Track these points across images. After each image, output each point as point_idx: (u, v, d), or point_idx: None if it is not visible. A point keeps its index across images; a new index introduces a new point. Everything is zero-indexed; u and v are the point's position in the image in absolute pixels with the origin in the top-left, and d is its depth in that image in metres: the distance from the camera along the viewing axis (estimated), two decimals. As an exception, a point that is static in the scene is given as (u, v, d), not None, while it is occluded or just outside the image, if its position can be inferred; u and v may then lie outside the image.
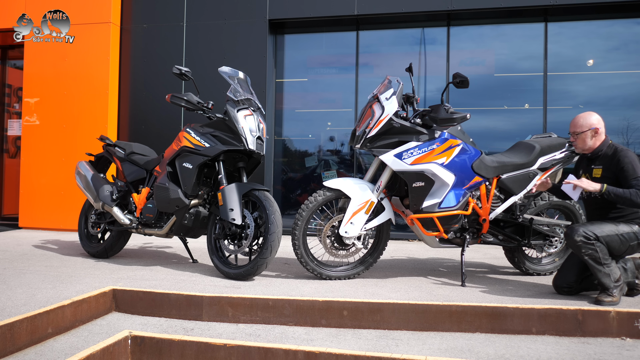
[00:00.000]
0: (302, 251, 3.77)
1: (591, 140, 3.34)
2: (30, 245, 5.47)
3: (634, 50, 6.13)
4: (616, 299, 3.13)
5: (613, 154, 3.25)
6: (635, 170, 3.14)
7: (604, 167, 3.29)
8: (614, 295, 3.14)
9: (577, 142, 3.39)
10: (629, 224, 3.23)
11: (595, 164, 3.36)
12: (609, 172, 3.26)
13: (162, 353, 2.63)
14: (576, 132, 3.37)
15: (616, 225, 3.20)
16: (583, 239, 3.14)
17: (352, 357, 2.45)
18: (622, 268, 3.32)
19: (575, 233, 3.16)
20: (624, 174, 3.16)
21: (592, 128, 3.31)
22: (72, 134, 6.88)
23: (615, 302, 3.11)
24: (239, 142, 3.90)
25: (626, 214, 3.26)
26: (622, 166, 3.18)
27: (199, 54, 6.91)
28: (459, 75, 3.60)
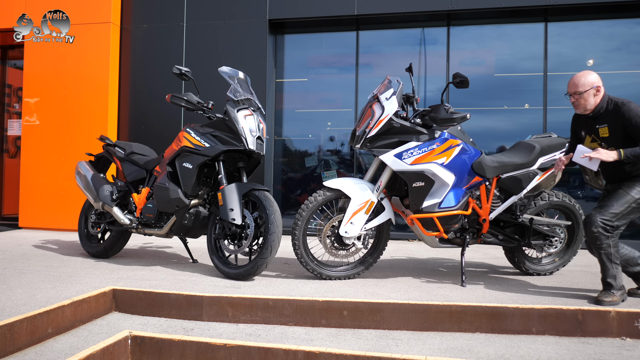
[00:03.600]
0: (302, 251, 3.77)
1: (593, 99, 3.26)
2: (30, 245, 5.47)
3: (636, 50, 6.13)
4: (617, 299, 3.13)
5: (615, 109, 3.19)
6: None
7: (609, 125, 3.22)
8: (615, 295, 3.14)
9: (580, 102, 3.30)
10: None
11: (600, 122, 3.27)
12: (616, 129, 3.19)
13: (162, 353, 2.63)
14: (578, 91, 3.28)
15: (629, 193, 3.17)
16: (601, 229, 3.13)
17: (352, 357, 2.45)
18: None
19: (593, 224, 3.15)
20: (634, 127, 3.11)
21: (595, 86, 3.25)
22: (72, 134, 6.88)
23: (615, 303, 3.11)
24: (239, 142, 3.90)
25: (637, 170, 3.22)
26: (631, 120, 3.11)
27: (199, 54, 6.91)
28: (459, 75, 3.60)
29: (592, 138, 3.33)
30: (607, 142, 3.23)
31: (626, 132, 3.14)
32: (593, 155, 3.13)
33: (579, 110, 3.35)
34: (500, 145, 6.38)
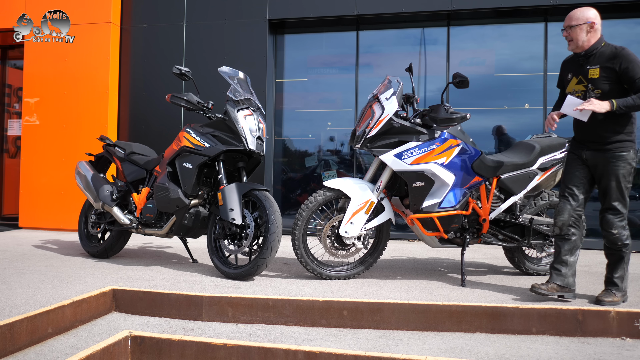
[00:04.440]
0: (302, 251, 3.77)
1: (586, 35, 3.09)
2: (30, 245, 5.47)
3: (636, 50, 6.07)
4: (618, 299, 3.11)
5: (612, 52, 3.04)
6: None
7: (601, 66, 3.04)
8: (616, 295, 3.12)
9: (572, 37, 3.15)
10: (624, 159, 3.05)
11: (592, 64, 3.09)
12: (607, 71, 3.02)
13: (162, 353, 2.63)
14: (571, 25, 3.14)
15: (618, 178, 3.05)
16: (620, 229, 3.08)
17: (352, 357, 2.45)
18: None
19: (612, 225, 3.08)
20: (629, 73, 2.95)
21: (589, 22, 3.09)
22: (72, 134, 6.88)
23: (616, 303, 3.09)
24: (239, 142, 3.90)
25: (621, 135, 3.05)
26: (627, 65, 2.96)
27: (199, 54, 6.91)
28: (459, 75, 3.60)
29: (579, 79, 3.14)
30: (594, 84, 3.04)
31: (618, 77, 2.99)
32: (585, 106, 2.95)
33: (571, 47, 3.19)
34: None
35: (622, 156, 3.04)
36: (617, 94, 3.00)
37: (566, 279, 3.16)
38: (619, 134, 3.04)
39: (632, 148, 3.06)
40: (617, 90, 3.01)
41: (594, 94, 3.06)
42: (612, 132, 3.05)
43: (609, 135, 3.05)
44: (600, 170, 3.11)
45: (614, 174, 3.06)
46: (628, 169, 3.06)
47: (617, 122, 3.03)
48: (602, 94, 3.02)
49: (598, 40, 3.11)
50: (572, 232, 3.18)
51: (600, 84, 3.03)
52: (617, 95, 2.99)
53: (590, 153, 3.14)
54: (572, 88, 3.19)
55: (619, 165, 3.05)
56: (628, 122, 3.05)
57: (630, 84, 2.96)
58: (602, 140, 3.08)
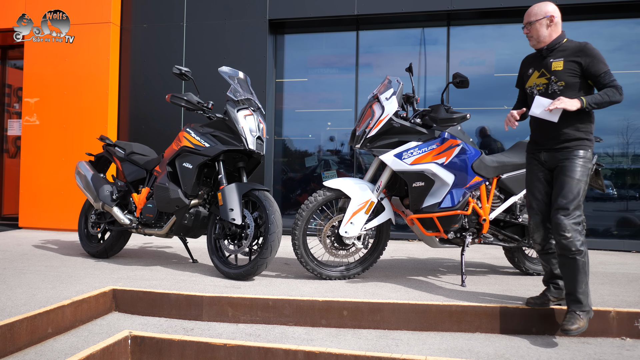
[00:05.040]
0: (302, 251, 3.77)
1: (547, 30, 3.01)
2: (30, 245, 5.47)
3: (636, 50, 6.12)
4: (584, 324, 2.74)
5: (577, 46, 2.95)
6: (605, 63, 2.88)
7: (565, 59, 2.93)
8: (582, 319, 2.75)
9: (532, 33, 3.04)
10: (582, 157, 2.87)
11: (554, 56, 2.98)
12: (572, 64, 2.90)
13: (162, 353, 2.63)
14: (530, 20, 3.03)
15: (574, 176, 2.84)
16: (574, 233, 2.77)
17: (352, 357, 2.45)
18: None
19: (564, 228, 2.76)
20: (594, 68, 2.85)
21: (548, 15, 3.00)
22: (72, 134, 6.88)
23: (582, 328, 2.72)
24: (239, 142, 3.90)
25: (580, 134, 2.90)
26: (592, 60, 2.86)
27: (199, 54, 6.91)
28: (459, 75, 3.60)
29: (540, 73, 3.02)
30: (558, 76, 2.92)
31: (582, 71, 2.88)
32: (557, 104, 2.79)
33: (532, 43, 3.08)
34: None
35: (580, 154, 2.88)
36: (580, 88, 2.90)
37: (564, 290, 2.90)
38: (578, 131, 2.89)
39: (590, 148, 2.92)
40: (581, 84, 2.90)
41: (557, 85, 2.92)
42: (572, 130, 2.90)
43: (568, 134, 2.90)
44: (556, 167, 2.94)
45: (570, 170, 2.86)
46: (585, 169, 2.87)
47: (579, 119, 2.89)
48: (566, 87, 2.90)
49: (560, 35, 3.04)
50: (553, 245, 2.97)
51: (564, 76, 2.91)
52: (580, 90, 2.89)
53: (547, 155, 2.98)
54: (534, 82, 3.04)
55: (576, 164, 2.86)
56: (588, 121, 2.92)
57: (594, 79, 2.87)
58: (561, 139, 2.92)
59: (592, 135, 2.94)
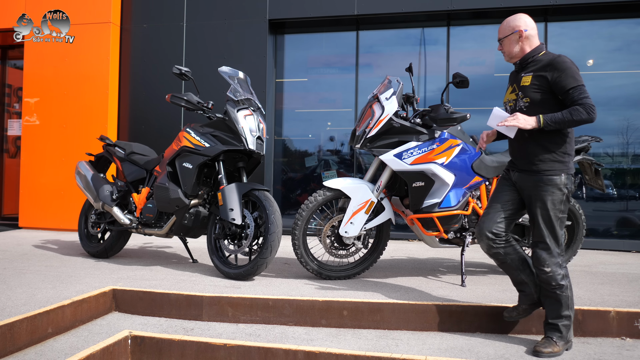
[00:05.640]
0: (302, 251, 3.77)
1: (517, 45, 2.80)
2: (30, 245, 5.47)
3: (637, 50, 6.12)
4: (559, 349, 2.58)
5: (548, 60, 2.67)
6: (576, 78, 2.58)
7: (534, 74, 2.70)
8: (557, 345, 2.59)
9: (503, 49, 2.87)
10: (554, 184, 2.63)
11: (525, 71, 2.77)
12: (539, 79, 2.67)
13: (162, 353, 2.63)
14: (500, 38, 2.88)
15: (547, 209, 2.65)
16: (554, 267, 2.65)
17: (352, 357, 2.45)
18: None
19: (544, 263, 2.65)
20: (561, 82, 2.59)
21: (516, 31, 2.79)
22: (72, 134, 6.88)
23: (556, 353, 2.57)
24: (239, 142, 3.90)
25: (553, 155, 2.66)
26: (560, 74, 2.60)
27: (199, 54, 6.91)
28: (459, 75, 3.60)
29: (513, 88, 2.85)
30: (524, 91, 2.72)
31: (550, 86, 2.64)
32: (508, 122, 2.62)
33: (506, 59, 2.90)
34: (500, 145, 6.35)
35: (552, 180, 2.63)
36: (550, 105, 2.65)
37: (536, 295, 2.78)
38: (550, 153, 2.65)
39: (564, 172, 2.64)
40: (549, 100, 2.65)
41: (523, 102, 2.73)
42: (542, 151, 2.66)
43: (539, 155, 2.67)
44: (527, 195, 2.73)
45: (541, 201, 2.65)
46: (559, 195, 2.63)
47: (549, 139, 2.65)
48: (531, 103, 2.68)
49: (535, 48, 2.78)
50: (505, 253, 2.79)
51: (529, 91, 2.69)
52: (550, 107, 2.64)
53: (518, 175, 2.77)
54: (507, 98, 2.90)
55: (547, 191, 2.64)
56: (562, 141, 2.66)
57: (562, 95, 2.61)
58: (531, 160, 2.69)
59: (568, 156, 2.68)
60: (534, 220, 2.71)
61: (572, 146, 2.70)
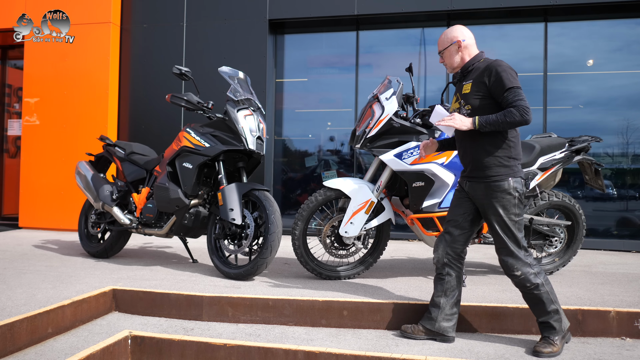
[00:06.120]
0: (302, 251, 3.77)
1: (457, 55, 2.82)
2: (30, 245, 5.47)
3: (637, 50, 6.12)
4: (557, 349, 2.59)
5: (486, 65, 2.70)
6: (511, 80, 2.60)
7: (473, 81, 2.73)
8: (555, 344, 2.60)
9: (444, 61, 2.89)
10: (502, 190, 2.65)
11: (466, 79, 2.80)
12: (478, 85, 2.70)
13: (162, 353, 2.63)
14: (439, 50, 2.89)
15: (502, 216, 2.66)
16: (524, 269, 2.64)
17: (352, 357, 2.45)
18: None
19: (512, 268, 2.67)
20: (497, 86, 2.62)
21: (454, 42, 2.81)
22: (72, 134, 6.88)
23: (556, 353, 2.58)
24: (239, 142, 3.90)
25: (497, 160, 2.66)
26: (496, 78, 2.62)
27: (199, 54, 6.91)
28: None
29: (456, 97, 2.89)
30: (465, 99, 2.76)
31: (489, 91, 2.66)
32: (444, 122, 2.67)
33: (448, 70, 2.93)
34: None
35: (499, 186, 2.64)
36: (490, 109, 2.66)
37: (437, 323, 2.77)
38: (495, 158, 2.66)
39: (510, 176, 2.65)
40: (490, 105, 2.67)
41: (465, 110, 2.75)
42: (486, 156, 2.68)
43: (483, 160, 2.69)
44: (480, 204, 2.74)
45: (493, 208, 2.66)
46: (509, 199, 2.64)
47: (493, 144, 2.67)
48: (473, 110, 2.70)
49: (475, 57, 2.82)
50: (447, 272, 2.82)
51: (470, 99, 2.73)
52: (490, 111, 2.65)
53: (469, 185, 2.77)
54: (452, 108, 2.93)
55: (496, 197, 2.65)
56: (506, 146, 2.67)
57: (499, 98, 2.63)
58: (477, 166, 2.72)
59: (514, 160, 2.69)
60: (492, 228, 2.72)
61: (517, 150, 2.72)
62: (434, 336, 2.78)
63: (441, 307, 2.78)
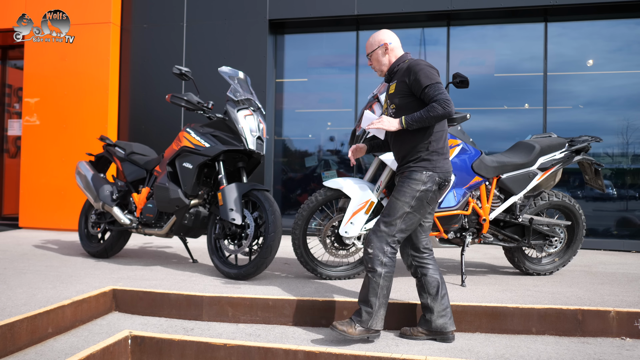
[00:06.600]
0: (302, 251, 3.77)
1: (384, 57, 2.93)
2: (30, 245, 5.47)
3: (637, 50, 6.12)
4: (353, 332, 2.64)
5: (407, 65, 2.81)
6: (429, 77, 2.70)
7: (397, 81, 2.85)
8: (355, 328, 2.64)
9: (373, 65, 3.00)
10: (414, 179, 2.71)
11: (392, 80, 2.93)
12: (401, 85, 2.81)
13: (162, 353, 2.63)
14: (368, 54, 2.99)
15: (399, 198, 2.71)
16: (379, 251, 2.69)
17: (352, 357, 2.46)
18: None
19: (369, 243, 2.72)
20: (417, 84, 2.71)
21: (381, 44, 2.92)
22: (72, 134, 6.88)
23: (349, 335, 2.63)
24: (239, 142, 3.90)
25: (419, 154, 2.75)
26: (415, 76, 2.72)
27: (199, 54, 6.91)
28: (459, 75, 3.60)
29: (386, 99, 2.99)
30: (391, 99, 2.88)
31: (410, 89, 2.77)
32: (374, 125, 2.76)
33: (378, 74, 3.03)
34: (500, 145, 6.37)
35: (412, 174, 2.73)
36: (414, 107, 2.76)
37: (433, 323, 2.77)
38: (418, 152, 2.76)
39: (428, 170, 2.72)
40: (412, 103, 2.77)
41: (391, 109, 2.88)
42: (411, 150, 2.78)
43: (409, 155, 2.79)
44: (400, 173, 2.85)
45: (397, 192, 2.74)
46: (413, 188, 2.70)
47: (416, 138, 2.76)
48: (397, 109, 2.82)
49: (399, 58, 2.93)
50: (421, 273, 2.84)
51: (395, 98, 2.85)
52: (414, 109, 2.75)
53: (398, 178, 2.87)
54: (384, 108, 3.03)
55: (404, 182, 2.74)
56: (428, 139, 2.75)
57: (421, 95, 2.73)
58: (401, 159, 2.84)
59: (436, 155, 2.75)
60: (386, 206, 2.80)
61: (440, 145, 2.78)
62: (434, 336, 2.79)
63: (431, 307, 2.79)
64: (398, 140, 2.84)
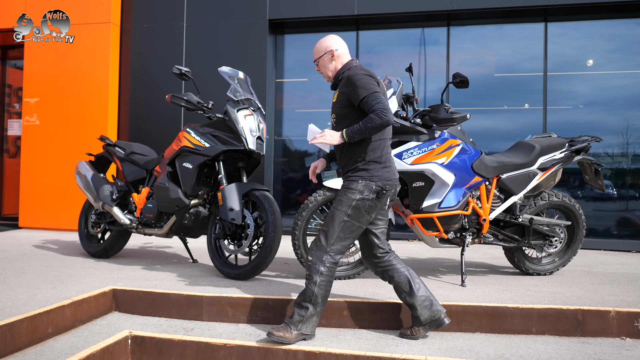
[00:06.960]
0: (302, 251, 3.77)
1: (331, 64, 2.92)
2: (30, 245, 5.47)
3: (637, 50, 6.12)
4: (290, 336, 2.65)
5: (347, 76, 2.79)
6: (366, 88, 2.68)
7: (339, 91, 2.85)
8: (291, 332, 2.66)
9: (320, 70, 2.99)
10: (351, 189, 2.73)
11: (336, 88, 2.92)
12: (341, 96, 2.81)
13: (162, 353, 2.63)
14: (315, 59, 2.98)
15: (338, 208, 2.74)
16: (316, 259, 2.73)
17: (352, 357, 2.46)
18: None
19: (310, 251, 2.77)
20: (354, 96, 2.72)
21: (328, 51, 2.91)
22: (72, 134, 6.88)
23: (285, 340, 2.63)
24: (239, 142, 3.90)
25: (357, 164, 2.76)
26: (352, 88, 2.72)
27: (199, 54, 6.91)
28: (459, 75, 3.60)
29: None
30: (333, 109, 2.89)
31: (348, 99, 2.76)
32: (318, 141, 2.77)
33: (326, 79, 3.01)
34: (500, 145, 6.37)
35: (350, 184, 2.74)
36: (353, 117, 2.76)
37: (423, 317, 2.79)
38: (356, 162, 2.76)
39: (364, 179, 2.72)
40: (351, 113, 2.77)
41: (332, 119, 2.90)
42: (351, 160, 2.79)
43: (346, 164, 2.81)
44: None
45: (336, 201, 2.78)
46: (349, 197, 2.71)
47: (355, 149, 2.76)
48: (337, 119, 2.85)
49: (345, 65, 2.91)
50: (389, 276, 2.87)
51: (335, 108, 2.86)
52: (353, 119, 2.76)
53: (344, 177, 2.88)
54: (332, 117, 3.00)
55: (342, 193, 2.75)
56: (365, 149, 2.74)
57: (360, 106, 2.72)
58: (343, 169, 2.86)
59: (374, 164, 2.75)
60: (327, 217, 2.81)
61: (378, 154, 2.77)
62: (430, 327, 2.81)
63: (412, 304, 2.81)
64: (338, 151, 2.86)
